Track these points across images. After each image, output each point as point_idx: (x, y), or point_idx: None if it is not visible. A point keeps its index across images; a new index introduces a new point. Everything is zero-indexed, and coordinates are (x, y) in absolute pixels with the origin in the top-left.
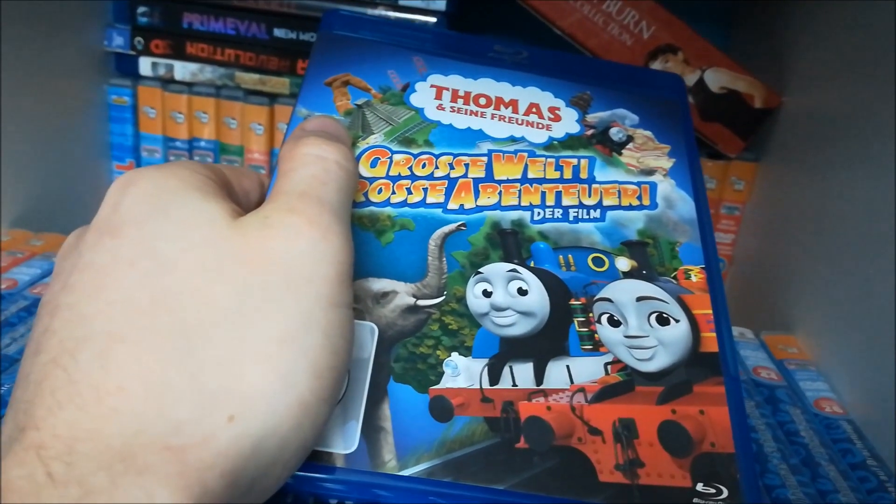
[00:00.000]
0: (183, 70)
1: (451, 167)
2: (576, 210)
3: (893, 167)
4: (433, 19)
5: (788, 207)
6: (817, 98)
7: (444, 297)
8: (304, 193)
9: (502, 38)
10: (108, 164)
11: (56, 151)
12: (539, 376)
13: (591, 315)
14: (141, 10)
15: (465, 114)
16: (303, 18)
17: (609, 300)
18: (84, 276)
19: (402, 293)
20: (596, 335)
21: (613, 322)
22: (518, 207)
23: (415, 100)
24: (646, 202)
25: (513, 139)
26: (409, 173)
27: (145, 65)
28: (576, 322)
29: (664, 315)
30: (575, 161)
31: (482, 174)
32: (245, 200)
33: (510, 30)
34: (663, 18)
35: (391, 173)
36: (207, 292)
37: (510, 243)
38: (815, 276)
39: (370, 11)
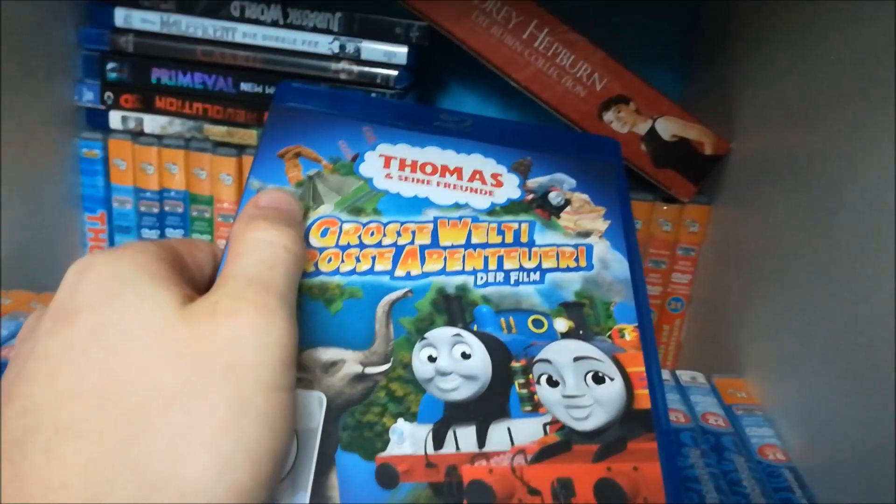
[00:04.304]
0: (153, 123)
1: (399, 234)
2: (517, 273)
3: (836, 210)
4: (395, 72)
5: (739, 249)
6: (764, 143)
7: (390, 364)
8: (252, 279)
9: (462, 91)
10: (79, 215)
11: (28, 205)
12: (481, 439)
13: (531, 376)
14: (110, 65)
15: (412, 182)
16: (268, 73)
17: (548, 361)
18: (38, 364)
19: (350, 361)
20: (536, 396)
21: (552, 382)
22: (462, 272)
23: (364, 169)
24: (582, 263)
25: (457, 205)
26: (357, 242)
27: (115, 118)
28: (516, 384)
29: (600, 374)
30: (516, 225)
31: (428, 241)
32: (199, 273)
33: (470, 82)
34: (615, 71)
35: (341, 242)
36: (153, 380)
37: (454, 308)
38: (762, 318)
39: (333, 66)
